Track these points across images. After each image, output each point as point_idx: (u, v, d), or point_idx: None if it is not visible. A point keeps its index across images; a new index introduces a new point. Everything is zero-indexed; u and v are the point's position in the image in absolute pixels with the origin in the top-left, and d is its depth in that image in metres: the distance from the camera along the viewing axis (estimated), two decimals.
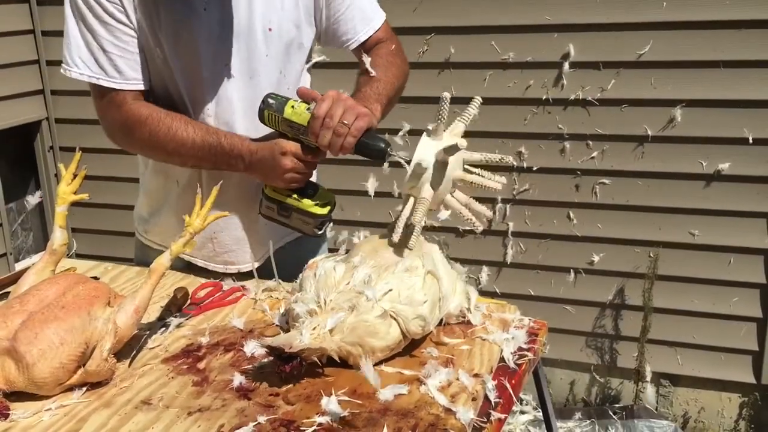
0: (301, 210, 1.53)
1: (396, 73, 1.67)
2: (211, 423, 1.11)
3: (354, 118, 1.41)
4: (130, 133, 1.54)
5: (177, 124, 1.52)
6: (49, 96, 3.63)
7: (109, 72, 1.50)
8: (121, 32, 1.49)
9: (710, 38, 2.72)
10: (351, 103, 1.43)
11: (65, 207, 1.39)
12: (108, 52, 1.49)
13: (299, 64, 1.66)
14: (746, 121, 2.76)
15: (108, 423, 1.12)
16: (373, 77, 1.62)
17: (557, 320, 3.06)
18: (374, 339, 1.22)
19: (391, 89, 1.63)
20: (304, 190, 1.54)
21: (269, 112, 1.48)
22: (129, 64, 1.51)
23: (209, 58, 1.53)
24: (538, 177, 3.03)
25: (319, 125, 1.41)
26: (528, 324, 1.43)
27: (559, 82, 2.92)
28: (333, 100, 1.42)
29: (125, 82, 1.51)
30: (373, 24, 1.70)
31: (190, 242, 1.33)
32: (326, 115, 1.40)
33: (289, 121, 1.46)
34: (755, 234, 2.84)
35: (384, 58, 1.67)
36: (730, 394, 3.06)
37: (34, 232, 3.82)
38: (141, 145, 1.57)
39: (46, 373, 1.14)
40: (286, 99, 1.48)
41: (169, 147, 1.52)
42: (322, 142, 1.42)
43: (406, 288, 1.26)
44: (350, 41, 1.69)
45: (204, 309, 1.50)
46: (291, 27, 1.59)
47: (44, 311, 1.18)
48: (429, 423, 1.10)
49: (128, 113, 1.52)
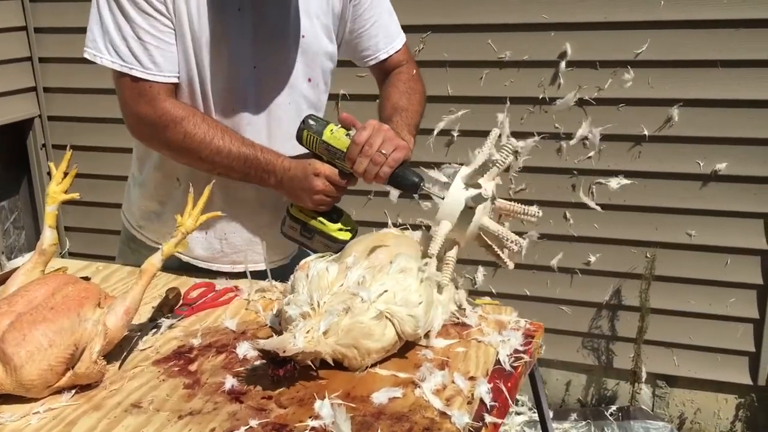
0: (324, 233, 1.55)
1: (419, 100, 1.71)
2: (202, 427, 1.09)
3: (393, 149, 1.43)
4: (161, 131, 1.51)
5: (214, 131, 1.51)
6: (41, 93, 3.61)
7: (144, 63, 1.47)
8: (159, 23, 1.46)
9: (708, 38, 2.71)
10: (391, 134, 1.46)
11: (55, 206, 1.37)
12: (145, 42, 1.46)
13: (327, 74, 1.68)
14: (744, 120, 2.75)
15: (97, 426, 1.10)
16: (400, 106, 1.65)
17: (553, 321, 3.05)
18: (369, 341, 1.21)
19: (417, 118, 1.67)
20: (329, 214, 1.56)
21: (308, 133, 1.49)
22: (165, 56, 1.48)
23: (239, 58, 1.53)
24: (535, 177, 3.02)
25: (358, 152, 1.43)
26: (524, 326, 1.41)
27: (556, 81, 2.90)
28: (374, 129, 1.44)
29: (160, 74, 1.48)
30: (395, 44, 1.73)
31: (182, 242, 1.31)
32: (366, 143, 1.43)
33: (327, 144, 1.48)
34: (752, 234, 2.84)
35: (407, 84, 1.71)
36: (727, 395, 3.05)
37: (26, 230, 3.80)
38: (170, 145, 1.53)
39: (34, 376, 1.12)
40: (326, 122, 1.50)
41: (203, 153, 1.51)
42: (358, 169, 1.44)
43: (402, 289, 1.24)
44: (370, 57, 1.72)
45: (196, 310, 1.48)
46: (323, 35, 1.61)
47: (33, 312, 1.16)
48: (424, 427, 1.08)
49: (163, 110, 1.49)
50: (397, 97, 1.68)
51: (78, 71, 3.40)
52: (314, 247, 1.57)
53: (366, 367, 1.23)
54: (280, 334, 1.29)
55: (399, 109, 1.64)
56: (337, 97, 3.09)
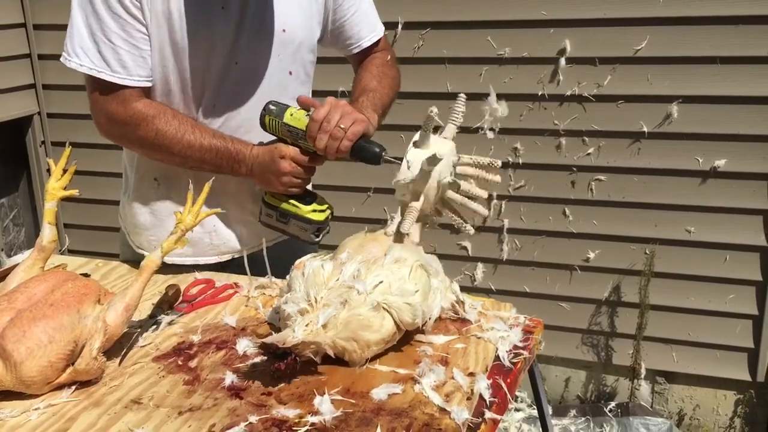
0: (298, 216, 1.57)
1: (390, 84, 1.72)
2: (202, 423, 1.10)
3: (351, 123, 1.46)
4: (133, 129, 1.52)
5: (185, 127, 1.53)
6: (40, 90, 3.60)
7: (113, 66, 1.48)
8: (132, 27, 1.46)
9: (707, 34, 2.71)
10: (348, 109, 1.48)
11: (54, 203, 1.37)
12: (116, 46, 1.47)
13: (308, 66, 1.69)
14: (743, 117, 2.75)
15: (97, 423, 1.10)
16: (369, 87, 1.67)
17: (553, 317, 3.06)
18: (368, 332, 1.21)
19: (386, 99, 1.68)
20: (302, 198, 1.58)
21: (270, 118, 1.53)
22: (135, 60, 1.48)
23: (221, 56, 1.53)
24: (534, 173, 3.02)
25: (317, 128, 1.46)
26: (523, 322, 1.41)
27: (555, 77, 2.90)
28: (331, 105, 1.47)
29: (129, 78, 1.49)
30: (377, 32, 1.76)
31: (181, 239, 1.31)
32: (324, 119, 1.45)
33: (288, 126, 1.51)
34: (751, 231, 2.84)
35: (380, 69, 1.73)
36: (726, 391, 3.05)
37: (25, 227, 3.80)
38: (142, 143, 1.55)
39: (34, 372, 1.12)
40: (286, 106, 1.53)
41: (175, 148, 1.53)
42: (319, 145, 1.46)
43: (397, 279, 1.25)
44: (353, 46, 1.74)
45: (196, 306, 1.48)
46: (304, 28, 1.62)
47: (33, 309, 1.16)
48: (423, 423, 1.08)
49: (134, 110, 1.51)
50: (368, 80, 1.70)
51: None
52: (291, 231, 1.59)
53: (366, 360, 1.23)
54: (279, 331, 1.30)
55: (367, 90, 1.66)
56: (336, 94, 3.09)
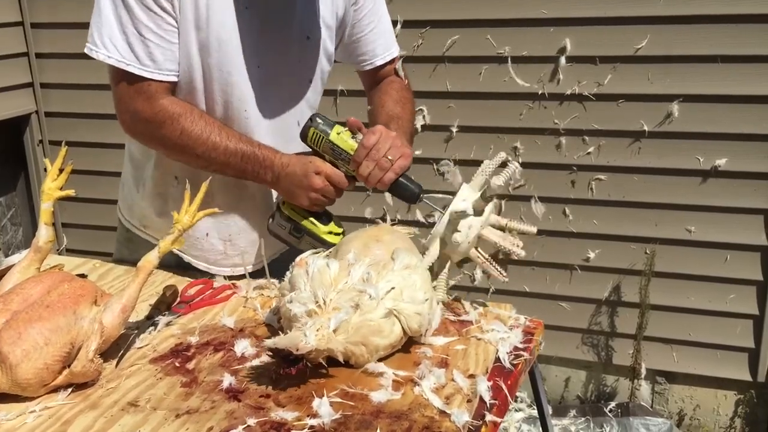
0: (314, 235, 1.54)
1: (411, 110, 1.72)
2: (200, 425, 1.09)
3: (399, 156, 1.45)
4: (158, 127, 1.49)
5: (211, 128, 1.50)
6: (38, 89, 3.59)
7: (143, 60, 1.45)
8: (163, 20, 1.44)
9: (708, 33, 2.70)
10: (398, 142, 1.47)
11: (51, 203, 1.36)
12: (146, 39, 1.44)
13: (326, 75, 1.68)
14: (744, 116, 2.74)
15: (94, 425, 1.09)
16: (395, 114, 1.65)
17: (553, 317, 3.05)
18: (378, 337, 1.20)
19: (410, 127, 1.67)
20: (320, 216, 1.55)
21: (315, 131, 1.49)
22: (165, 54, 1.46)
23: (244, 57, 1.51)
24: (534, 173, 3.01)
25: (365, 155, 1.44)
26: (524, 323, 1.40)
27: (555, 76, 2.89)
28: (382, 134, 1.46)
29: (158, 72, 1.46)
30: (392, 52, 1.74)
31: (179, 239, 1.30)
32: (374, 147, 1.44)
33: (333, 145, 1.48)
34: (752, 231, 2.83)
35: (399, 93, 1.72)
36: (726, 391, 3.04)
37: (23, 227, 3.79)
38: (166, 142, 1.51)
39: (30, 374, 1.11)
40: (333, 122, 1.50)
41: (199, 149, 1.50)
42: (363, 172, 1.45)
43: (408, 285, 1.24)
44: (367, 62, 1.73)
45: (194, 307, 1.47)
46: (326, 37, 1.61)
47: (28, 310, 1.15)
48: (423, 425, 1.07)
49: (161, 107, 1.48)
50: (392, 105, 1.68)
51: (75, 67, 3.38)
52: (300, 247, 1.55)
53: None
54: (280, 331, 1.29)
55: (395, 117, 1.63)
56: (335, 93, 3.08)
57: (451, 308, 1.44)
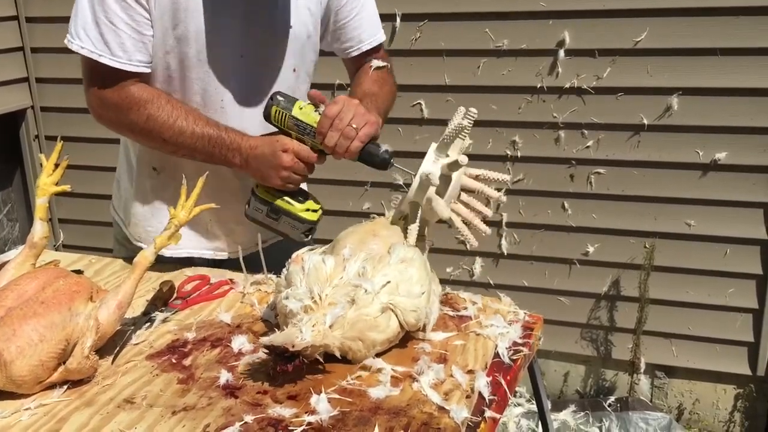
0: (291, 214, 1.52)
1: (390, 90, 1.70)
2: (197, 422, 1.08)
3: (363, 123, 1.42)
4: (125, 113, 1.50)
5: (177, 112, 1.50)
6: (34, 84, 3.57)
7: (114, 50, 1.46)
8: (135, 12, 1.45)
9: (707, 26, 2.69)
10: (362, 110, 1.44)
11: (46, 199, 1.35)
12: (118, 29, 1.45)
13: (310, 65, 1.68)
14: (743, 109, 2.72)
15: (89, 423, 1.08)
16: (371, 91, 1.64)
17: (552, 312, 3.04)
18: (374, 332, 1.20)
19: (386, 105, 1.66)
20: (295, 195, 1.53)
21: (276, 109, 1.47)
22: (137, 46, 1.47)
23: (225, 47, 1.52)
24: (533, 166, 3.00)
25: (329, 125, 1.42)
26: (523, 318, 1.39)
27: (554, 70, 2.88)
28: (344, 103, 1.43)
29: (129, 63, 1.48)
30: (378, 37, 1.73)
31: (175, 235, 1.29)
32: (337, 116, 1.41)
33: (296, 120, 1.46)
34: (752, 224, 2.82)
35: (379, 74, 1.70)
36: (725, 385, 3.04)
37: (20, 222, 3.77)
38: (133, 128, 1.53)
39: (24, 371, 1.10)
40: (295, 98, 1.49)
41: (166, 134, 1.50)
42: (329, 143, 1.43)
43: (404, 280, 1.23)
44: (353, 49, 1.71)
45: (190, 303, 1.46)
46: (309, 26, 1.61)
47: (23, 307, 1.14)
48: (422, 422, 1.06)
49: (128, 93, 1.49)
50: (369, 84, 1.67)
51: (70, 61, 3.33)
52: (280, 228, 1.55)
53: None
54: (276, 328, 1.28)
55: (369, 94, 1.63)
56: (333, 87, 3.06)
57: (450, 303, 1.43)
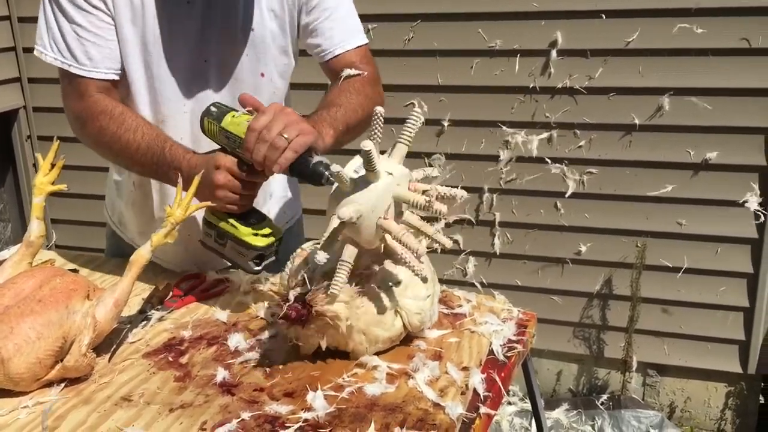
0: (236, 238, 1.36)
1: (362, 102, 1.53)
2: (194, 420, 1.08)
3: (296, 133, 1.26)
4: (83, 125, 1.47)
5: (128, 125, 1.43)
6: (26, 84, 3.56)
7: (80, 59, 1.44)
8: (96, 18, 1.43)
9: (698, 26, 2.70)
10: (294, 118, 1.29)
11: (42, 198, 1.35)
12: (81, 38, 1.44)
13: (282, 69, 1.60)
14: (734, 109, 2.74)
15: (87, 420, 1.08)
16: (334, 102, 1.50)
17: (544, 310, 3.05)
18: (379, 328, 1.21)
19: (352, 117, 1.49)
20: (244, 218, 1.37)
21: (209, 121, 1.36)
22: (103, 52, 1.45)
23: (186, 52, 1.49)
24: (525, 166, 3.01)
25: (255, 138, 1.26)
26: (517, 315, 1.41)
27: (547, 70, 2.89)
28: (275, 112, 1.28)
29: (94, 70, 1.45)
30: (353, 42, 1.60)
31: (171, 233, 1.29)
32: (264, 127, 1.26)
33: (226, 132, 1.33)
34: (742, 223, 2.84)
35: (353, 85, 1.55)
36: (717, 383, 3.06)
37: (12, 222, 3.76)
38: (90, 140, 1.49)
39: (22, 369, 1.11)
40: (229, 109, 1.36)
41: (114, 147, 1.44)
42: (256, 157, 1.27)
43: (414, 283, 1.24)
44: (325, 53, 1.59)
45: (186, 302, 1.46)
46: (275, 28, 1.54)
47: (20, 305, 1.14)
48: (417, 418, 1.07)
49: (86, 104, 1.46)
50: (334, 95, 1.53)
51: None
52: (228, 255, 1.39)
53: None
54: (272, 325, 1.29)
55: (330, 105, 1.48)
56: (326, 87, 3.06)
57: (445, 301, 1.44)
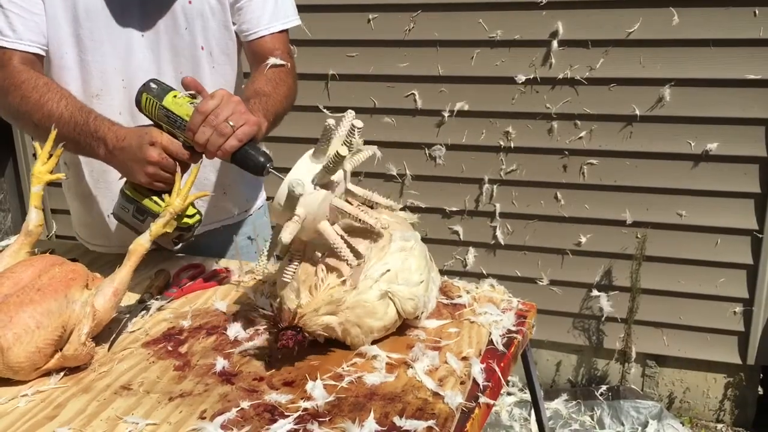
0: (158, 215, 1.34)
1: (285, 93, 1.54)
2: (193, 408, 1.08)
3: (242, 123, 1.28)
4: (5, 94, 1.44)
5: (51, 95, 1.41)
6: None
7: (3, 30, 1.44)
8: None
9: (700, 16, 2.70)
10: (242, 108, 1.31)
11: (41, 187, 1.35)
12: (6, 9, 1.43)
13: (224, 44, 1.59)
14: (735, 100, 2.74)
15: (86, 409, 1.09)
16: (263, 91, 1.50)
17: (544, 301, 3.05)
18: (372, 319, 1.20)
19: (279, 107, 1.50)
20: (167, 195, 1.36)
21: (147, 97, 1.34)
22: (27, 25, 1.45)
23: (120, 26, 1.48)
24: (525, 157, 3.01)
25: (201, 121, 1.27)
26: (516, 306, 1.40)
27: (548, 60, 2.88)
28: (222, 98, 1.29)
29: (18, 42, 1.44)
30: (278, 25, 1.59)
31: (170, 222, 1.29)
32: (212, 112, 1.27)
33: (167, 111, 1.32)
34: (743, 215, 2.84)
35: (276, 74, 1.55)
36: (716, 374, 3.07)
37: (12, 212, 3.76)
38: (11, 111, 1.47)
39: (21, 358, 1.11)
40: (170, 88, 1.36)
41: (35, 116, 1.41)
42: (199, 140, 1.28)
43: (404, 268, 1.24)
44: (249, 32, 1.58)
45: (186, 291, 1.46)
46: (213, 2, 1.54)
47: (19, 294, 1.14)
48: (417, 407, 1.07)
49: (9, 74, 1.43)
50: (262, 83, 1.52)
51: None
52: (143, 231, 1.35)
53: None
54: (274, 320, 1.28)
55: (260, 94, 1.48)
56: (326, 78, 3.06)
57: (444, 291, 1.44)
